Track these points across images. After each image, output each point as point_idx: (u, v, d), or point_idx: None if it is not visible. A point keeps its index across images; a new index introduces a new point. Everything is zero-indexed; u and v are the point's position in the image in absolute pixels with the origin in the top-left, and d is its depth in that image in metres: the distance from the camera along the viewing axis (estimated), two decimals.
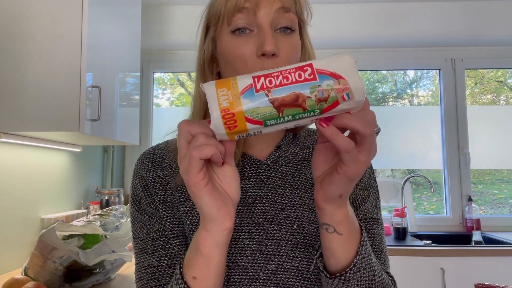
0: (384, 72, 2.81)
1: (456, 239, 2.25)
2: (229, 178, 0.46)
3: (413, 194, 2.43)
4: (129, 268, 1.45)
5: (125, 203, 2.24)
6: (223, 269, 0.49)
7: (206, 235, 0.46)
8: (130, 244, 1.72)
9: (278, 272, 0.57)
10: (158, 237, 0.60)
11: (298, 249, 0.58)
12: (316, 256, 0.53)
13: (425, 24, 2.40)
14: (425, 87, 2.86)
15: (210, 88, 0.41)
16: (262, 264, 0.57)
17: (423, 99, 2.87)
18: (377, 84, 2.88)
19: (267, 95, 0.39)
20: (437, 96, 2.64)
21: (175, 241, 0.60)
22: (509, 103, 2.89)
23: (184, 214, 0.60)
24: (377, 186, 0.68)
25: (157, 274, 0.58)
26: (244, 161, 0.63)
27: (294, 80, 0.39)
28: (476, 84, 2.83)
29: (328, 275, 0.51)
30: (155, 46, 2.52)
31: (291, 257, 0.57)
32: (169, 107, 2.89)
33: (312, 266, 0.56)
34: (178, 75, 2.91)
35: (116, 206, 1.48)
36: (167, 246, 0.59)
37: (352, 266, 0.49)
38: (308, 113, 0.40)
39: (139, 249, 0.61)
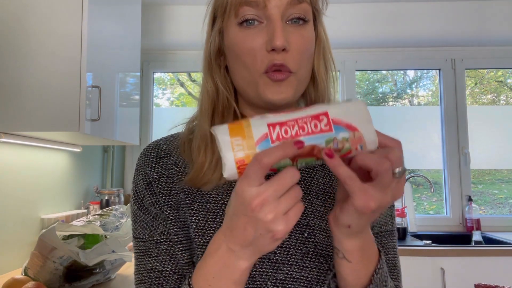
0: (384, 72, 2.81)
1: (456, 239, 2.25)
2: None
3: (413, 194, 2.42)
4: (129, 268, 1.45)
5: (125, 203, 2.24)
6: None
7: (248, 267, 0.43)
8: (130, 244, 1.72)
9: (287, 282, 0.54)
10: (162, 240, 0.56)
11: (309, 258, 0.55)
12: (330, 277, 0.52)
13: (425, 24, 2.40)
14: (425, 87, 2.86)
15: (223, 136, 0.40)
16: (270, 273, 0.54)
17: (423, 99, 2.87)
18: (377, 84, 2.88)
19: None
20: (437, 96, 2.64)
21: (179, 246, 0.56)
22: (509, 103, 2.89)
23: (190, 218, 0.56)
24: None
25: (161, 279, 0.55)
26: None
27: (310, 131, 0.40)
28: (476, 84, 2.83)
29: None
30: (155, 46, 2.52)
31: (301, 267, 0.54)
32: (169, 107, 2.89)
33: (326, 286, 0.54)
34: (178, 75, 2.91)
35: (116, 206, 1.48)
36: (171, 251, 0.56)
37: None
38: (321, 161, 0.41)
39: (140, 250, 0.58)
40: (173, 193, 0.58)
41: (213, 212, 0.56)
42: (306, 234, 0.56)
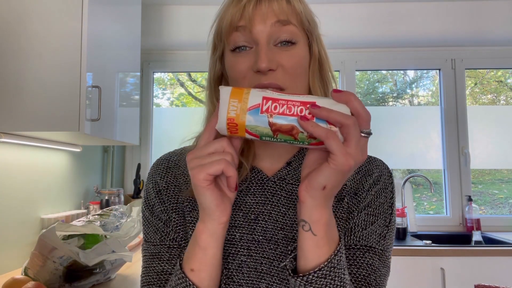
0: (384, 72, 2.81)
1: (456, 239, 2.25)
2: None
3: (413, 194, 2.43)
4: (129, 268, 1.45)
5: (125, 203, 2.24)
6: (219, 262, 0.52)
7: (203, 228, 0.50)
8: (130, 244, 1.72)
9: None
10: (173, 245, 0.61)
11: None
12: (291, 256, 0.52)
13: (425, 24, 2.40)
14: (425, 87, 2.86)
15: (225, 94, 0.46)
16: (255, 282, 0.57)
17: (423, 99, 2.87)
18: (377, 84, 2.88)
19: (268, 119, 0.44)
20: (437, 96, 2.64)
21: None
22: (509, 103, 2.89)
23: (189, 224, 0.61)
24: (391, 214, 0.62)
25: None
26: (252, 176, 0.62)
27: (295, 113, 0.44)
28: (476, 84, 2.83)
29: (291, 274, 0.49)
30: (155, 46, 2.52)
31: (281, 279, 0.57)
32: (169, 107, 2.89)
33: (283, 263, 0.55)
34: (178, 75, 2.91)
35: (116, 206, 1.48)
36: (181, 255, 0.60)
37: (317, 269, 0.47)
38: (298, 142, 0.45)
39: (150, 253, 0.61)
40: (180, 201, 0.63)
41: None
42: (290, 247, 0.58)
